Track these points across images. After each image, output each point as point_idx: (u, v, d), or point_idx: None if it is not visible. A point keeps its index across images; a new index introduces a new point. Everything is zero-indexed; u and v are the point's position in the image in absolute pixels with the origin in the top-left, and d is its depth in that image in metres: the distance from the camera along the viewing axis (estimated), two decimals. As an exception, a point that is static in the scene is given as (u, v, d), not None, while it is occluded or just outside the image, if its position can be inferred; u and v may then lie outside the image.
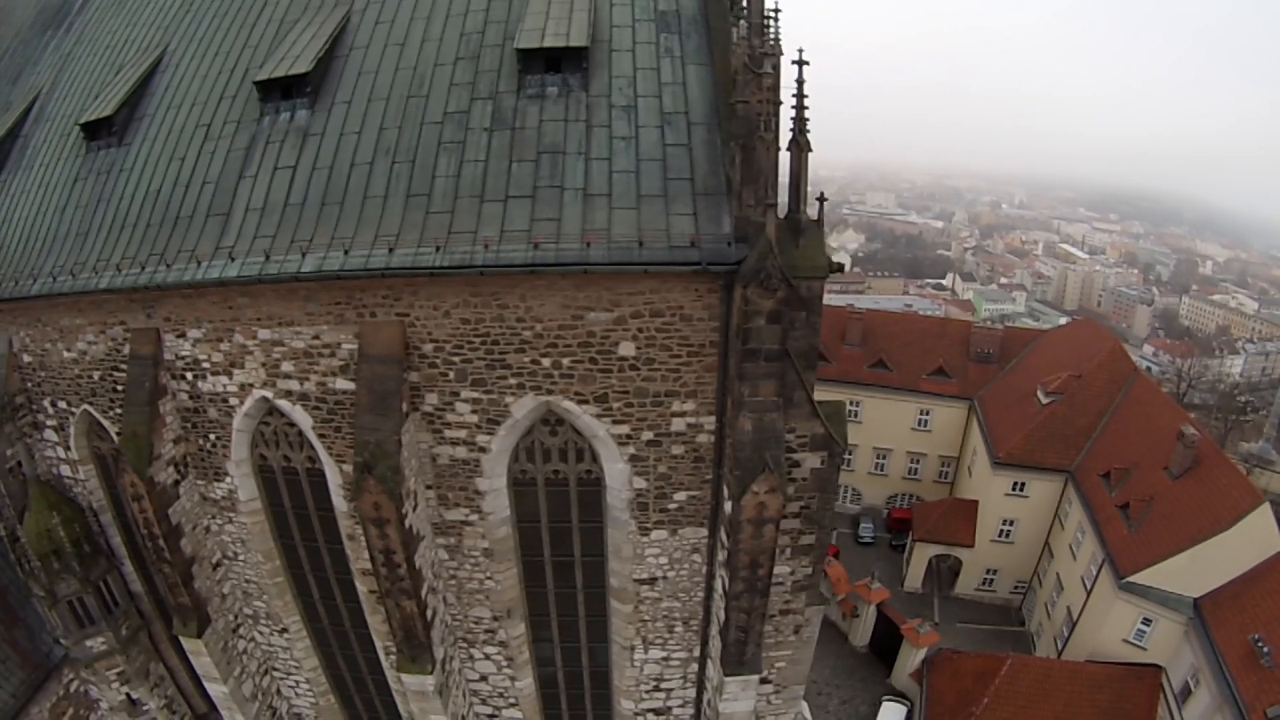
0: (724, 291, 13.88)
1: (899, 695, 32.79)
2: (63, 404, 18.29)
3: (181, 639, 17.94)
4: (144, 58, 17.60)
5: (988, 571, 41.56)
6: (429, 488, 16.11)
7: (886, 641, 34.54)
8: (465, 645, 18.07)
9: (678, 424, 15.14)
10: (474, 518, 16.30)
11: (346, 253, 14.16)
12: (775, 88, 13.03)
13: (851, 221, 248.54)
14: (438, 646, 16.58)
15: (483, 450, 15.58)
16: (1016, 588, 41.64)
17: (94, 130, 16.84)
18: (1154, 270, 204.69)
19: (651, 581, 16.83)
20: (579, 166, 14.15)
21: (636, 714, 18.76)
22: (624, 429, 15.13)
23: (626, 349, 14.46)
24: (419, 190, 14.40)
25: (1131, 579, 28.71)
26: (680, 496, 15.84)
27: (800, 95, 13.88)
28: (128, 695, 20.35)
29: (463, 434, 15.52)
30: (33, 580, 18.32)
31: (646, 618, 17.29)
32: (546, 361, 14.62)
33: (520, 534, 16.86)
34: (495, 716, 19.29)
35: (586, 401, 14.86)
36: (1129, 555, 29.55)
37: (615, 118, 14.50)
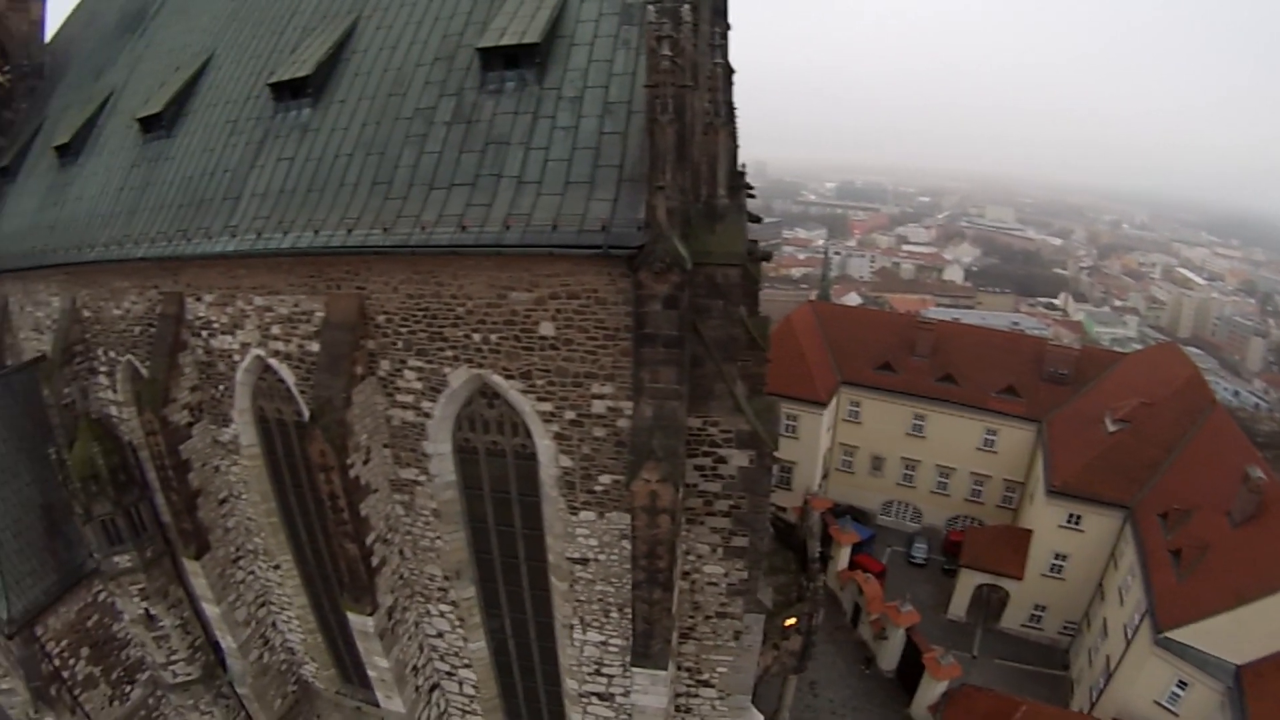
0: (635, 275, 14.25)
1: None
2: (112, 353, 21.76)
3: (184, 559, 20.72)
4: (196, 60, 20.52)
5: (1036, 607, 38.71)
6: (386, 446, 17.67)
7: (913, 669, 32.89)
8: (422, 600, 19.50)
9: (598, 406, 15.66)
10: (422, 478, 17.69)
11: (316, 233, 16.02)
12: (675, 70, 13.07)
13: (969, 234, 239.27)
14: (383, 593, 18.05)
15: (427, 416, 16.94)
16: (1065, 628, 38.44)
17: (148, 124, 19.89)
18: (1272, 300, 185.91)
19: (584, 562, 17.28)
20: (519, 156, 15.11)
21: (581, 695, 19.23)
22: (548, 406, 15.90)
23: (547, 329, 15.25)
24: (383, 179, 15.97)
25: (1170, 634, 25.90)
26: (605, 480, 16.24)
27: (718, 80, 14.06)
28: (146, 611, 23.27)
29: (410, 399, 16.97)
30: (74, 499, 21.62)
31: (582, 598, 17.74)
32: (477, 337, 15.76)
33: (467, 500, 18.03)
34: (452, 674, 20.60)
35: (513, 377, 15.81)
36: (1172, 607, 26.65)
37: (561, 109, 15.30)
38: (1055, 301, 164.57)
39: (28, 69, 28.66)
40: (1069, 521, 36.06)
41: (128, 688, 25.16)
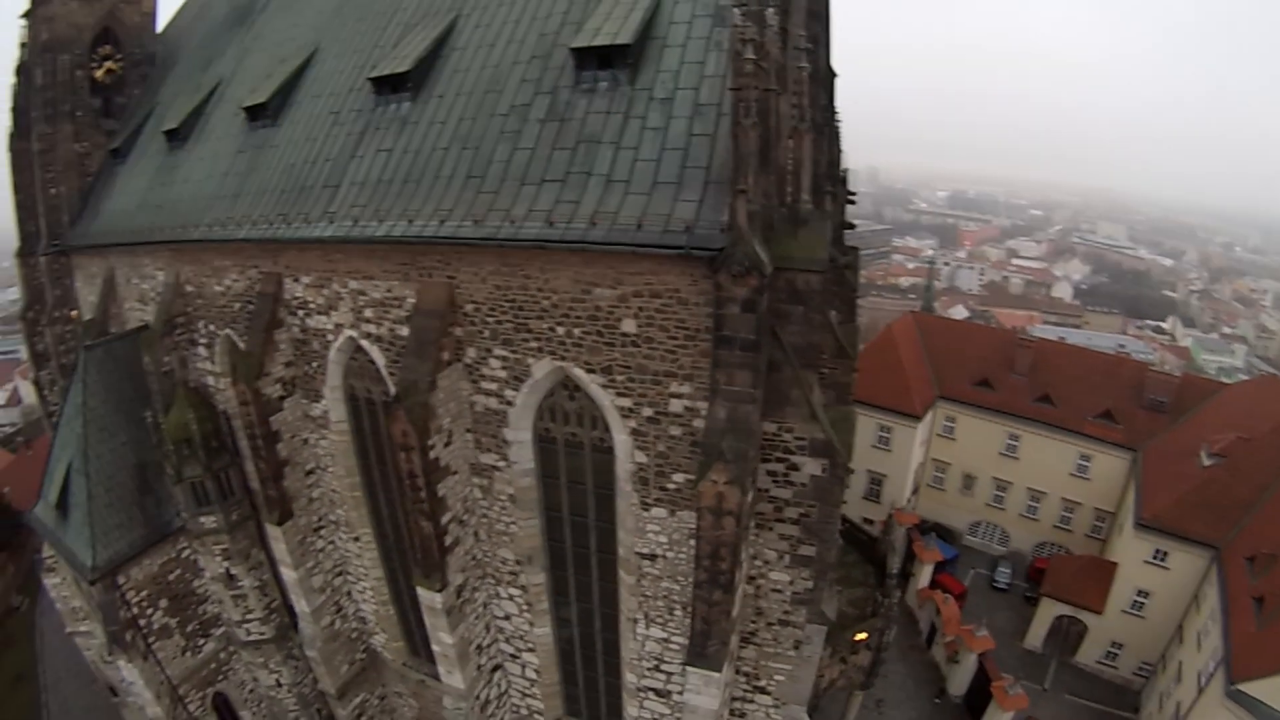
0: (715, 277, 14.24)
1: None
2: (212, 327, 23.09)
3: (267, 524, 21.94)
4: (301, 53, 21.49)
5: (1113, 644, 37.29)
6: (468, 431, 18.27)
7: (982, 697, 32.15)
8: (493, 582, 20.09)
9: (675, 405, 15.79)
10: (502, 464, 18.22)
11: (410, 222, 16.67)
12: (759, 73, 13.02)
13: (1080, 251, 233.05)
14: (454, 571, 18.64)
15: (509, 404, 17.45)
16: (1141, 669, 36.96)
17: (254, 112, 20.95)
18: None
19: (652, 558, 17.41)
20: (609, 155, 15.32)
21: (639, 689, 19.49)
22: (627, 402, 16.12)
23: (629, 326, 15.47)
24: (476, 173, 16.48)
25: (1241, 686, 24.62)
26: (678, 478, 16.32)
27: (804, 84, 13.96)
28: (227, 570, 24.70)
29: (494, 386, 17.52)
30: (166, 461, 23.09)
31: (648, 593, 17.91)
32: (561, 330, 16.12)
33: (543, 488, 18.47)
34: (516, 657, 21.18)
35: (594, 371, 16.11)
36: (1248, 658, 25.41)
37: (652, 110, 15.40)
38: (1163, 325, 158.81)
39: (140, 57, 30.39)
40: (1155, 557, 34.85)
41: (201, 641, 26.69)
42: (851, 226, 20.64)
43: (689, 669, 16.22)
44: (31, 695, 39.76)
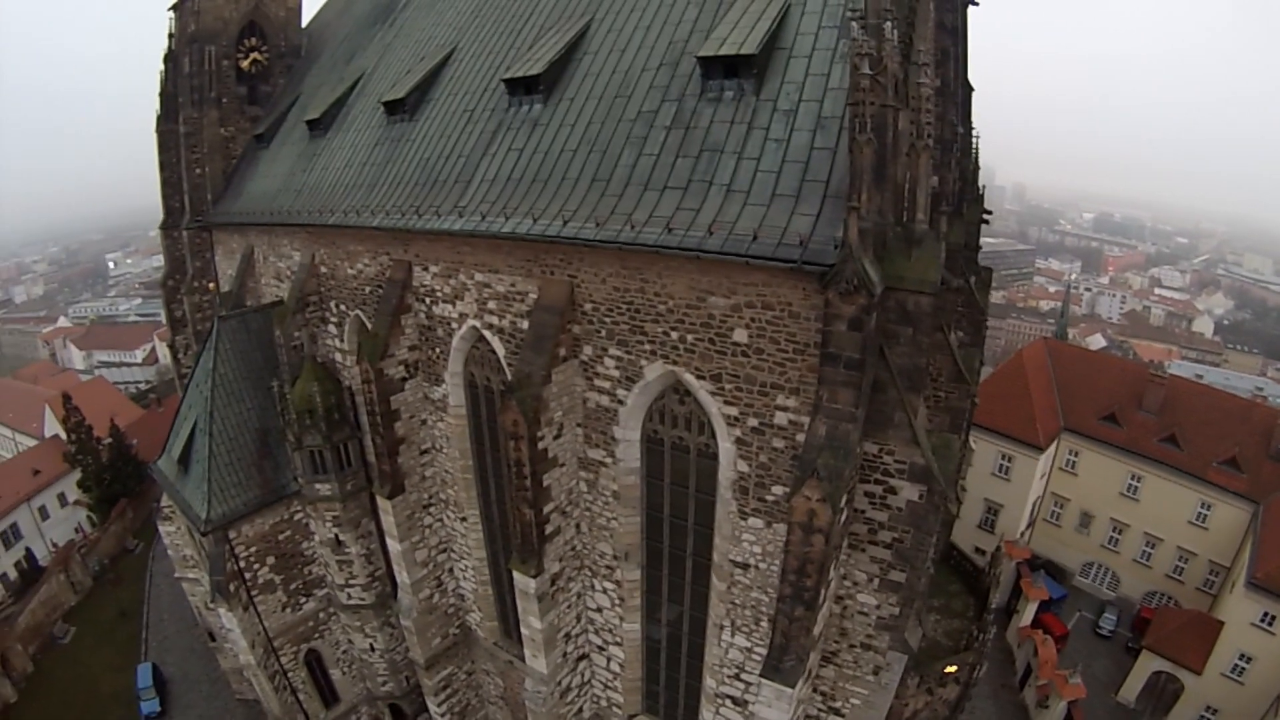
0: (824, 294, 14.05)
1: None
2: (343, 307, 24.51)
3: (378, 497, 23.12)
4: (439, 52, 22.55)
5: (1207, 708, 35.08)
6: (579, 425, 18.79)
7: None
8: (589, 574, 20.61)
9: (780, 418, 15.69)
10: (609, 460, 18.64)
11: (535, 220, 17.26)
12: (876, 88, 12.81)
13: (1224, 284, 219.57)
14: (550, 559, 19.21)
15: (621, 403, 17.83)
16: None
17: (392, 107, 22.12)
18: None
19: (745, 567, 17.39)
20: (730, 164, 15.39)
21: (717, 695, 19.56)
22: (733, 411, 16.16)
23: (740, 335, 15.49)
24: (602, 176, 16.92)
25: None
26: (777, 490, 16.21)
27: (922, 101, 13.62)
28: (336, 536, 26.21)
29: (607, 385, 17.93)
30: (288, 429, 24.64)
31: (737, 602, 17.91)
32: (674, 335, 16.34)
33: (646, 488, 18.81)
34: (603, 649, 21.65)
35: (704, 378, 16.24)
36: None
37: (775, 121, 15.35)
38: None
39: (285, 50, 32.47)
40: (1262, 620, 32.82)
41: (302, 600, 28.32)
42: (979, 248, 20.16)
43: (763, 681, 16.12)
44: (134, 631, 43.30)
